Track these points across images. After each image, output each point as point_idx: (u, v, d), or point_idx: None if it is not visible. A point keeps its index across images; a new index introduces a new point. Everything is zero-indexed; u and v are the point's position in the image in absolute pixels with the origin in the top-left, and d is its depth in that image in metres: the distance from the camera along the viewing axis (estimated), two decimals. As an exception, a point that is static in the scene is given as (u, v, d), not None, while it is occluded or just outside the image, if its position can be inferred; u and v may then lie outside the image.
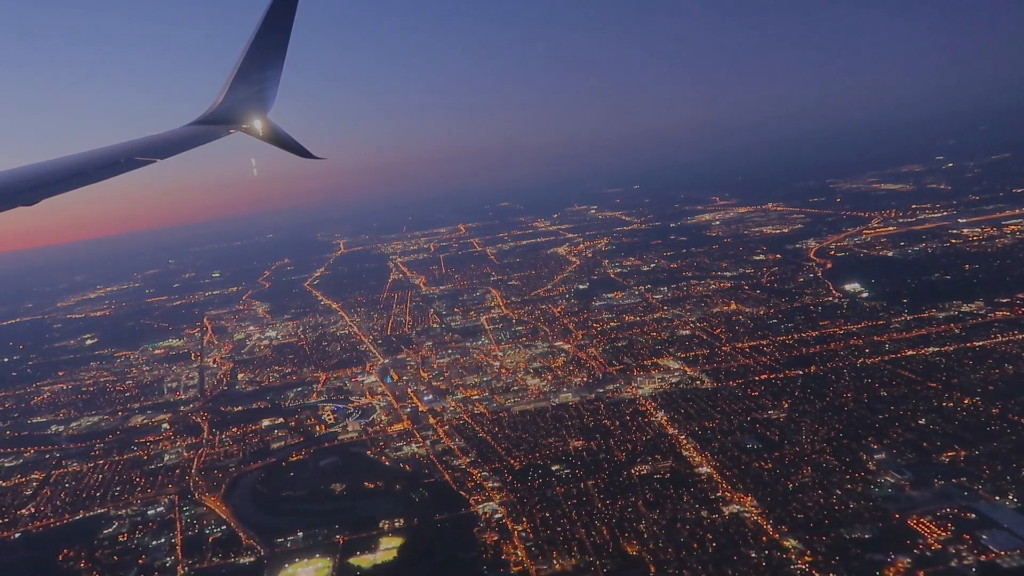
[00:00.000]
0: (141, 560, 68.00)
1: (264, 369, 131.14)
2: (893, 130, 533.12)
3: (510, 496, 69.65)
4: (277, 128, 18.96)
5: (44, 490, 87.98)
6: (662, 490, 66.67)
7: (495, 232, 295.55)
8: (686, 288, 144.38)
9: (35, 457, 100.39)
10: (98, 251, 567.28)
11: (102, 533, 74.33)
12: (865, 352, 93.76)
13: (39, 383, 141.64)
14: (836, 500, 60.48)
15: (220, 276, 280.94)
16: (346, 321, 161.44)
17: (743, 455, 70.96)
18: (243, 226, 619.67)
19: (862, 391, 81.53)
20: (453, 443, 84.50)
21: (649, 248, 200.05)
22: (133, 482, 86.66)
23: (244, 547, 67.74)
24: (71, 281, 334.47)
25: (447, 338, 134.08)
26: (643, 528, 60.82)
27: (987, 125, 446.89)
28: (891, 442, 68.79)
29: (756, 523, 59.08)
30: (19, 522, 79.80)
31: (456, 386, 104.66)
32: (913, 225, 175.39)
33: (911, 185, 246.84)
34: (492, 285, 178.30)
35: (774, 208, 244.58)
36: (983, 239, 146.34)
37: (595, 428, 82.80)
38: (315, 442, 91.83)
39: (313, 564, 63.19)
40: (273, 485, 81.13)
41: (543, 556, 59.10)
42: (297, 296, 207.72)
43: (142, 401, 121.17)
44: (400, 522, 68.03)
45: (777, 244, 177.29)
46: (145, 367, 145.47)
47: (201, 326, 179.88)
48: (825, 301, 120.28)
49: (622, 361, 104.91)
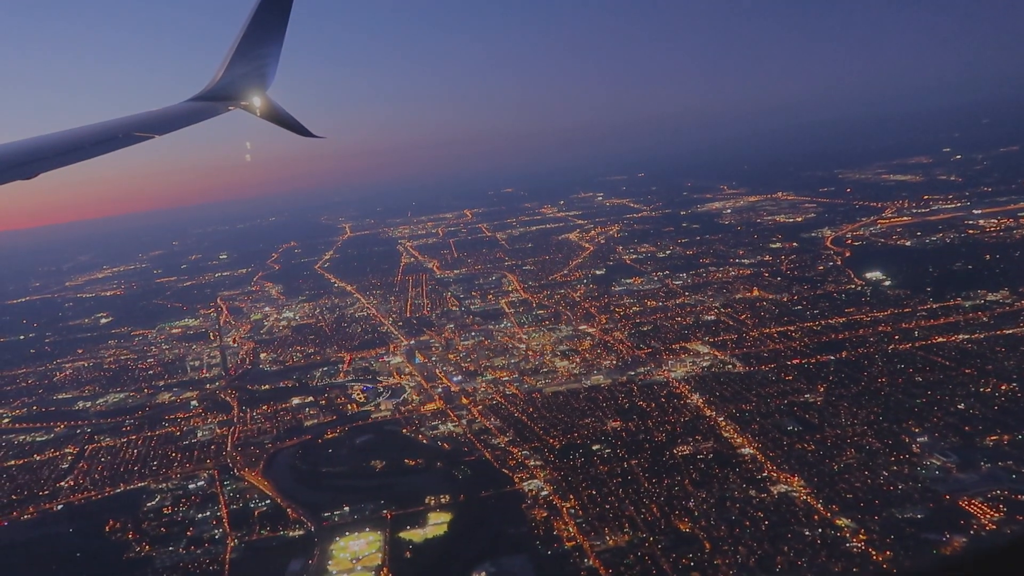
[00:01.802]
0: (189, 532, 68.56)
1: (286, 349, 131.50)
2: (895, 122, 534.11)
3: (554, 474, 70.31)
4: (276, 106, 18.76)
5: (81, 463, 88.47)
6: (707, 470, 67.38)
7: (502, 218, 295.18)
8: (705, 275, 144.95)
9: (66, 432, 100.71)
10: (99, 231, 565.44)
11: (146, 506, 74.92)
12: (895, 339, 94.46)
13: (59, 360, 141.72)
14: (884, 481, 61.29)
15: (227, 258, 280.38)
16: (363, 303, 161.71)
17: (784, 437, 71.70)
18: (243, 208, 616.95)
19: (897, 376, 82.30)
20: (489, 422, 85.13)
21: (662, 235, 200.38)
22: (169, 457, 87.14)
23: (291, 521, 68.33)
24: (76, 261, 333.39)
25: (468, 321, 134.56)
26: (692, 506, 61.60)
27: (990, 119, 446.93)
28: (932, 426, 69.58)
29: (806, 503, 59.89)
30: (60, 494, 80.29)
31: (484, 367, 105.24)
32: (928, 215, 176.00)
33: (920, 176, 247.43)
34: (507, 270, 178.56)
35: (784, 197, 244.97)
36: (1001, 230, 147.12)
37: (631, 409, 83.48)
38: (348, 420, 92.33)
39: (364, 537, 63.76)
40: (312, 461, 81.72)
41: (595, 532, 59.80)
42: (309, 278, 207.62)
43: (167, 379, 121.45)
44: (446, 498, 68.61)
45: (792, 232, 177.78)
46: (164, 346, 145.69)
47: (216, 306, 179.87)
48: (848, 289, 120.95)
49: (650, 345, 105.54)
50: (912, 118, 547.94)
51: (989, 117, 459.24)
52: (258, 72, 18.39)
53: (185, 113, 16.79)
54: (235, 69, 17.68)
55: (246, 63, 17.78)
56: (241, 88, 17.95)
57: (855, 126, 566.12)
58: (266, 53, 18.26)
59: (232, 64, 17.59)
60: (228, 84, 17.71)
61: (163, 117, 16.53)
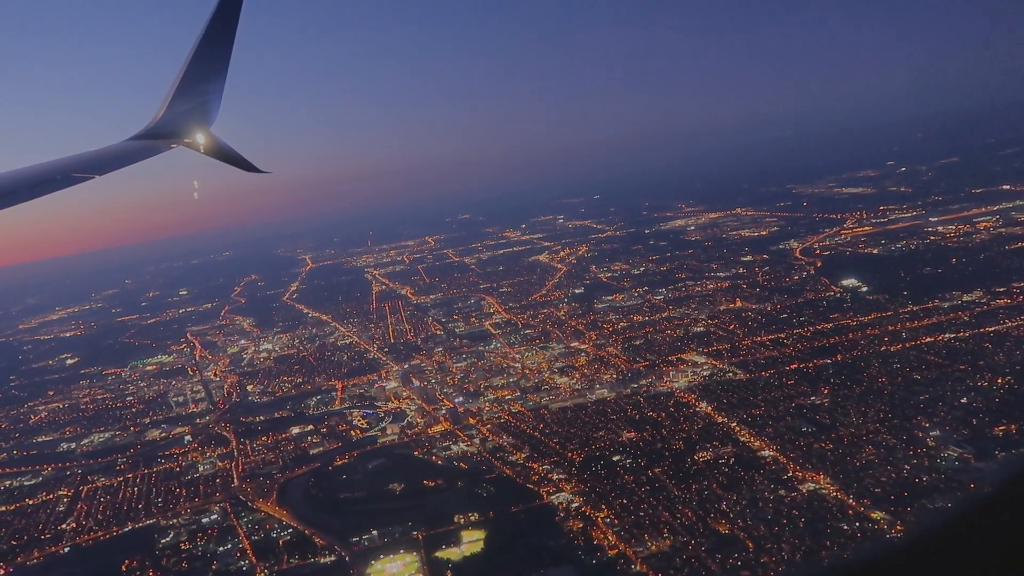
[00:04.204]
0: (213, 566, 66.89)
1: (272, 380, 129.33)
2: (837, 139, 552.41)
3: (580, 486, 70.70)
4: (221, 142, 18.65)
5: (79, 504, 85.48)
6: (732, 473, 68.61)
7: (466, 243, 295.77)
8: (684, 289, 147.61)
9: (55, 474, 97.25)
10: (44, 273, 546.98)
11: (161, 542, 72.73)
12: (884, 340, 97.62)
13: (30, 403, 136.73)
14: (908, 474, 63.26)
15: (188, 293, 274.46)
16: (343, 331, 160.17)
17: (799, 438, 73.41)
18: (193, 245, 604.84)
19: (895, 376, 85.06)
20: (502, 440, 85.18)
21: (632, 253, 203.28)
22: (174, 492, 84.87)
23: (319, 547, 67.22)
24: (24, 304, 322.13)
25: (456, 343, 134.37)
26: (726, 508, 62.65)
27: (923, 133, 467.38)
28: (940, 420, 72.08)
29: (837, 498, 61.42)
30: (64, 536, 77.46)
31: (484, 388, 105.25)
32: (887, 225, 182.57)
33: (871, 188, 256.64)
34: (484, 292, 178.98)
35: (744, 212, 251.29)
36: (960, 235, 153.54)
37: (642, 420, 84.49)
38: (355, 446, 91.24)
39: (400, 559, 63.07)
40: (327, 488, 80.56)
41: (635, 539, 60.31)
42: (280, 310, 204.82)
43: (152, 416, 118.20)
44: (475, 516, 68.30)
45: (760, 246, 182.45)
46: (141, 383, 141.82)
47: (187, 342, 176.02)
48: (828, 296, 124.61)
49: (646, 358, 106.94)
50: (851, 135, 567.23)
51: (921, 131, 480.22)
52: (201, 108, 18.12)
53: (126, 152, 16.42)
54: (177, 106, 17.36)
55: (188, 100, 17.49)
56: (184, 125, 17.73)
57: (799, 144, 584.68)
58: (208, 89, 17.97)
59: (174, 101, 17.25)
60: (170, 121, 17.44)
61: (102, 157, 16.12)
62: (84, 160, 15.55)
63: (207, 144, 18.10)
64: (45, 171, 14.07)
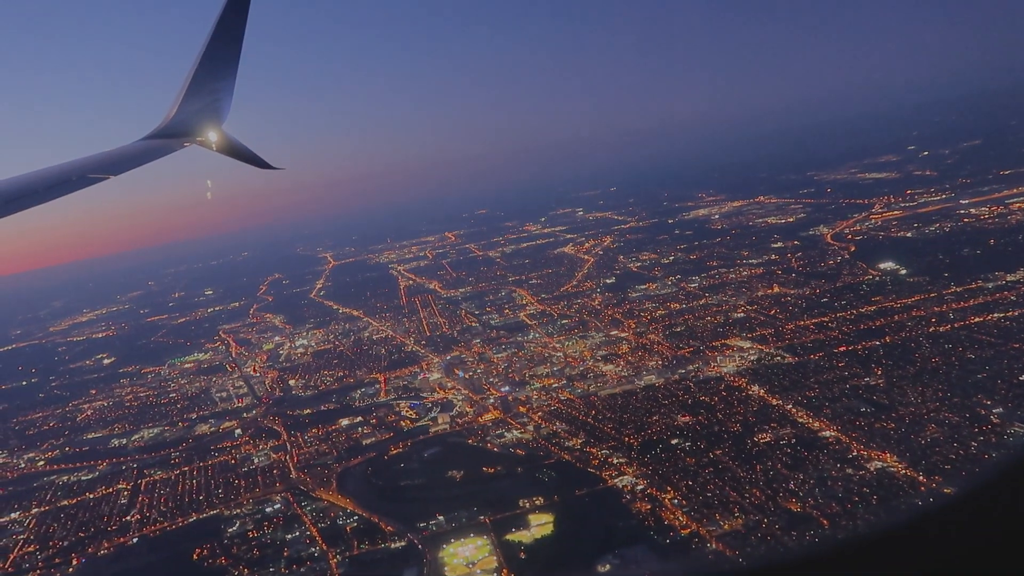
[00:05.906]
0: (285, 553, 67.86)
1: (313, 374, 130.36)
2: (855, 125, 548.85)
3: (642, 469, 71.21)
4: (233, 139, 18.77)
5: (140, 497, 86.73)
6: (795, 454, 68.92)
7: (488, 237, 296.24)
8: (718, 276, 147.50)
9: (110, 469, 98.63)
10: (66, 277, 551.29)
11: (228, 532, 73.81)
12: (932, 322, 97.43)
13: (74, 402, 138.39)
14: (976, 451, 63.39)
15: (214, 293, 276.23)
16: (376, 326, 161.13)
17: (859, 418, 73.60)
18: (210, 246, 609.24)
19: (948, 355, 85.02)
20: (555, 427, 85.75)
21: (658, 243, 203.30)
22: (233, 484, 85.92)
23: (388, 533, 68.05)
24: (50, 307, 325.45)
25: (493, 335, 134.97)
26: (794, 487, 63.00)
27: (940, 116, 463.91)
28: (1001, 397, 72.04)
29: (907, 476, 61.69)
30: (130, 528, 78.71)
31: (529, 376, 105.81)
32: (917, 208, 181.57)
33: (895, 173, 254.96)
34: (513, 285, 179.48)
35: (767, 200, 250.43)
36: (995, 217, 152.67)
37: (695, 404, 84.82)
38: (407, 436, 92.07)
39: (471, 543, 63.79)
40: (386, 476, 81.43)
41: (706, 519, 60.79)
42: (309, 307, 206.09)
43: (198, 411, 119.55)
44: (540, 500, 68.96)
45: (789, 232, 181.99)
46: (182, 380, 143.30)
47: (221, 340, 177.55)
48: (866, 280, 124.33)
49: (689, 344, 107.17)
50: (869, 120, 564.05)
51: (939, 115, 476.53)
52: (212, 107, 18.32)
53: (139, 152, 16.50)
54: (189, 105, 17.53)
55: (200, 98, 17.67)
56: (196, 124, 17.86)
57: (817, 130, 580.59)
58: (220, 87, 18.19)
59: (185, 100, 17.42)
60: (182, 121, 17.59)
61: (117, 157, 16.18)
62: (99, 161, 15.68)
63: (219, 142, 18.28)
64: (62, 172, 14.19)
